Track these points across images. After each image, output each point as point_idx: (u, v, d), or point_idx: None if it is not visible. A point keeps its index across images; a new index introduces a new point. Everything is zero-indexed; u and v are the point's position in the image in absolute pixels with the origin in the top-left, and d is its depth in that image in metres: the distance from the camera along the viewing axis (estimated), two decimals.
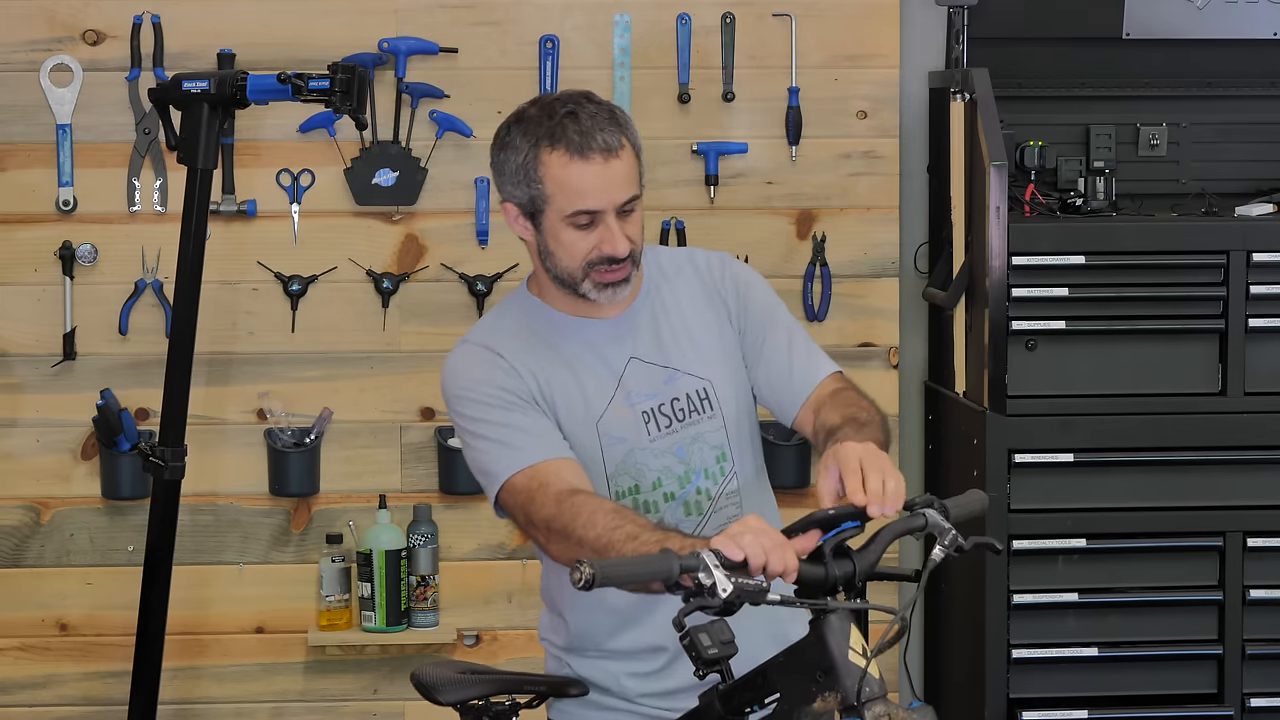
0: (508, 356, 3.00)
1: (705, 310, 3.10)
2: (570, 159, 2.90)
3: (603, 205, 2.92)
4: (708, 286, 3.12)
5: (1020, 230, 4.42)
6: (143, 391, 4.69)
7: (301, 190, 4.76)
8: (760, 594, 2.49)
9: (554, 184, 2.92)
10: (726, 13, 4.78)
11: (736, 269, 3.16)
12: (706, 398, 3.05)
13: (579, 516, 2.79)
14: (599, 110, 2.94)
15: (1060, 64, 4.94)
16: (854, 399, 3.00)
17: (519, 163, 2.94)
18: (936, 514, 2.64)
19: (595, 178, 2.91)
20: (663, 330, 3.07)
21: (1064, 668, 4.48)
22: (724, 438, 3.06)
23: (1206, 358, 4.48)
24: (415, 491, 4.81)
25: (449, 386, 3.03)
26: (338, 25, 4.72)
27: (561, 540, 2.82)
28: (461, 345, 3.06)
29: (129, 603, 4.35)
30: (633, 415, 3.01)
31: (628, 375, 3.03)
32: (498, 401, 2.96)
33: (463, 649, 4.80)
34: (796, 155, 4.81)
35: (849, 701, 2.50)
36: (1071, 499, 4.45)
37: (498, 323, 3.08)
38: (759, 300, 3.14)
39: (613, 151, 2.92)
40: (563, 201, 2.92)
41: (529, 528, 2.91)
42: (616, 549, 2.71)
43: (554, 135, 2.91)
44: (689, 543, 2.66)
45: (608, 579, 2.46)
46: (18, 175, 4.71)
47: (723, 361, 3.08)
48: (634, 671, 3.05)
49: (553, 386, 3.00)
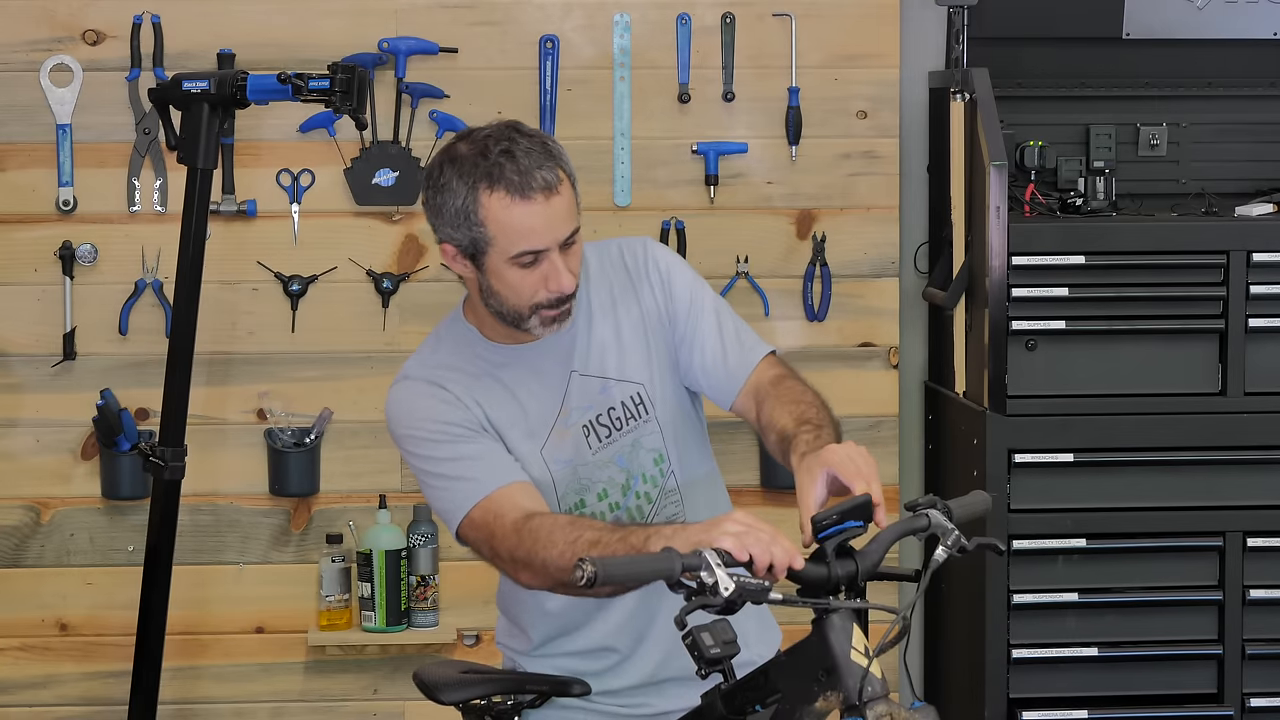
0: (450, 387, 2.97)
1: (631, 307, 3.07)
2: (512, 201, 2.84)
3: (547, 244, 2.88)
4: (632, 278, 3.09)
5: (1020, 230, 4.43)
6: (143, 391, 4.69)
7: (301, 190, 4.76)
8: (762, 593, 2.49)
9: (496, 226, 2.86)
10: (726, 13, 4.78)
11: (657, 255, 3.11)
12: (641, 402, 3.04)
13: (538, 540, 2.78)
14: (532, 144, 2.88)
15: (1060, 64, 4.94)
16: (798, 391, 2.96)
17: (458, 206, 2.87)
18: (940, 515, 2.64)
19: (538, 218, 2.86)
20: (593, 339, 3.04)
21: (1064, 668, 4.48)
22: (660, 440, 3.05)
23: (1206, 358, 4.48)
24: (415, 491, 4.79)
25: (395, 427, 3.01)
26: (338, 25, 4.72)
27: (527, 569, 2.82)
28: (401, 382, 3.03)
29: (129, 603, 4.35)
30: (573, 434, 3.00)
31: (570, 392, 3.02)
32: (444, 436, 2.95)
33: (463, 649, 4.80)
34: (796, 155, 4.81)
35: (851, 701, 2.50)
36: (1071, 499, 4.45)
37: (434, 356, 3.04)
38: (682, 286, 3.09)
39: (552, 189, 2.86)
40: (506, 243, 2.87)
41: (495, 560, 2.90)
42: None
43: (492, 176, 2.85)
44: (649, 532, 2.66)
45: (609, 577, 2.46)
46: (17, 175, 4.71)
47: (652, 361, 3.06)
48: (587, 671, 3.06)
49: (497, 413, 2.98)
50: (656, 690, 3.05)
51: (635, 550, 2.65)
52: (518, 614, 3.12)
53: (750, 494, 4.69)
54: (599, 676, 3.07)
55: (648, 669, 3.05)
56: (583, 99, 4.74)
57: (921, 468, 4.99)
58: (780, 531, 2.59)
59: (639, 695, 3.07)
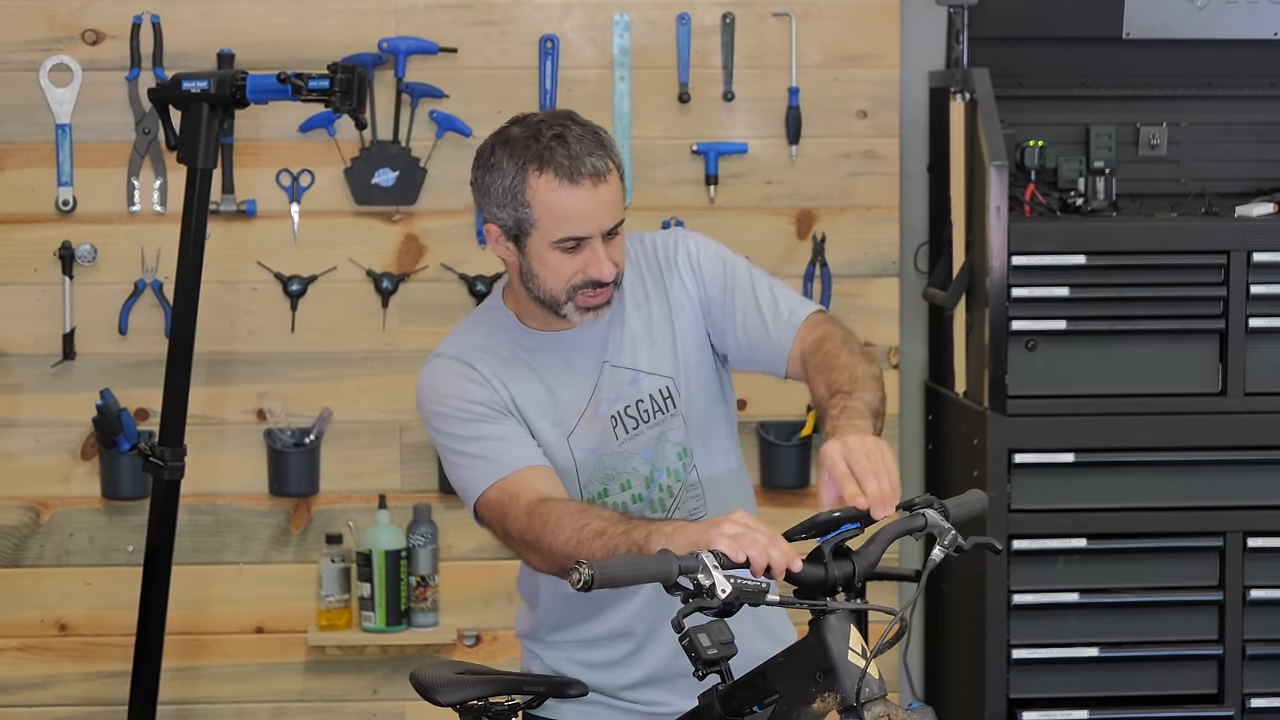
0: (480, 368, 2.99)
1: (661, 301, 3.08)
2: (560, 184, 2.88)
3: (591, 231, 2.91)
4: (663, 270, 3.10)
5: (1020, 230, 4.42)
6: (142, 391, 4.69)
7: (301, 190, 4.76)
8: (760, 594, 2.49)
9: (542, 208, 2.89)
10: (726, 13, 4.78)
11: (687, 243, 3.12)
12: (669, 396, 3.05)
13: (547, 524, 2.80)
14: (585, 133, 2.91)
15: (1060, 64, 4.94)
16: (832, 354, 2.94)
17: (506, 185, 2.90)
18: (936, 514, 2.63)
19: (584, 203, 2.89)
20: (626, 331, 3.06)
21: (1064, 668, 4.48)
22: (684, 434, 3.06)
23: (1206, 358, 4.48)
24: (415, 491, 4.81)
25: (423, 402, 3.04)
26: (338, 25, 4.72)
27: (535, 552, 2.84)
28: (434, 359, 3.05)
29: (129, 603, 4.34)
30: (601, 424, 3.02)
31: (602, 382, 3.03)
32: (469, 415, 2.97)
33: (463, 649, 4.80)
34: (796, 155, 4.81)
35: (848, 702, 2.50)
36: (1071, 499, 4.45)
37: (469, 336, 3.06)
38: (714, 269, 3.09)
39: (601, 177, 2.89)
40: (550, 226, 2.90)
41: (507, 541, 2.93)
42: (586, 548, 2.72)
43: (543, 158, 2.88)
44: (651, 528, 2.67)
45: (607, 580, 2.46)
46: (17, 175, 4.71)
47: (683, 355, 3.07)
48: (601, 660, 3.07)
49: (525, 398, 3.00)
50: (666, 685, 3.05)
51: (636, 545, 2.66)
52: (534, 599, 3.13)
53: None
54: (611, 667, 3.07)
55: (660, 659, 3.05)
56: (582, 99, 4.73)
57: (922, 468, 4.99)
58: (778, 533, 2.59)
59: (648, 691, 3.07)
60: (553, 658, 3.12)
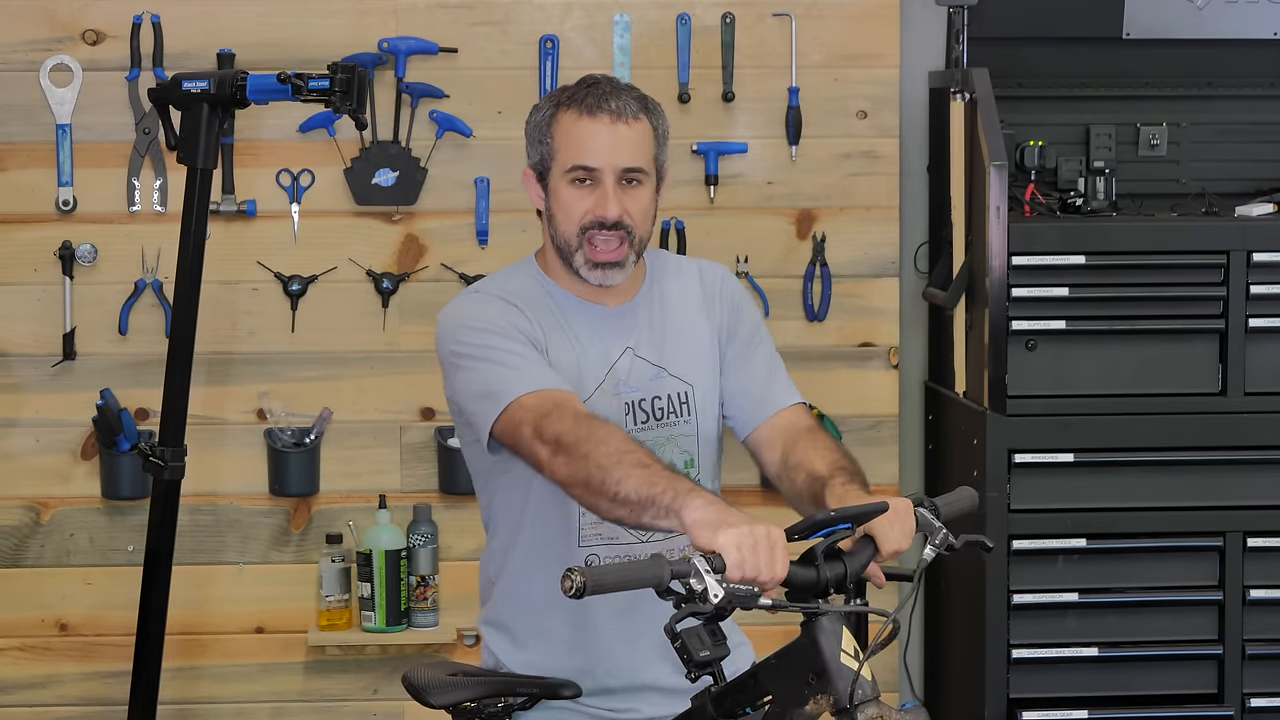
0: (522, 308, 3.02)
1: (700, 318, 3.13)
2: (579, 116, 2.98)
3: (602, 164, 2.97)
4: (707, 295, 3.16)
5: (1020, 230, 4.42)
6: (143, 391, 4.70)
7: (301, 190, 4.76)
8: (752, 599, 2.49)
9: (561, 138, 2.99)
10: (726, 13, 4.78)
11: (735, 285, 3.21)
12: (686, 402, 3.08)
13: (595, 434, 2.76)
14: (621, 89, 3.02)
15: (1060, 64, 4.94)
16: (831, 443, 3.03)
17: (537, 121, 3.04)
18: (927, 512, 2.64)
19: (600, 137, 2.97)
20: (657, 328, 3.10)
21: (1064, 668, 4.48)
22: (694, 444, 3.09)
23: (1206, 358, 4.47)
24: (415, 491, 4.81)
25: (455, 318, 3.02)
26: (338, 25, 4.72)
27: (568, 454, 2.77)
28: (470, 293, 3.07)
29: (129, 603, 4.35)
30: (618, 403, 3.04)
31: (620, 364, 3.05)
32: (511, 334, 2.97)
33: (462, 649, 4.80)
34: (796, 155, 4.81)
35: (841, 704, 2.51)
36: (1071, 499, 4.45)
37: (507, 284, 3.09)
38: (750, 320, 3.19)
39: (623, 117, 2.98)
40: (565, 156, 2.98)
41: (534, 442, 2.83)
42: (622, 469, 2.68)
43: (574, 97, 3.01)
44: (679, 489, 2.64)
45: (599, 586, 2.45)
46: (17, 175, 4.72)
47: (707, 370, 3.12)
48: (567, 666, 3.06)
49: (555, 350, 3.02)
50: (639, 695, 3.05)
51: (673, 491, 2.62)
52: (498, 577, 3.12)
53: (750, 494, 4.68)
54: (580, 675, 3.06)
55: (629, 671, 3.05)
56: None
57: (921, 468, 4.99)
58: (781, 536, 2.57)
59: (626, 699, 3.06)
60: (514, 659, 3.11)
